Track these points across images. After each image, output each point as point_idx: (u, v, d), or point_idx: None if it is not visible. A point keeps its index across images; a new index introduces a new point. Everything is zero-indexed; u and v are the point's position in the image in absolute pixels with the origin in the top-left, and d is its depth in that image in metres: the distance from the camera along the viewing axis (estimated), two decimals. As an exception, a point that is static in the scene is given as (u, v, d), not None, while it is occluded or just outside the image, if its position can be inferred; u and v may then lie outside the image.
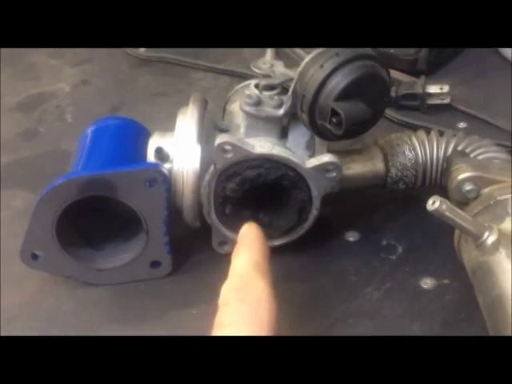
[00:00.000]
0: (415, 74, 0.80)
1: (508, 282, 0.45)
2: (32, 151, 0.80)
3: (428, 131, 0.61)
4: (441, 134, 0.61)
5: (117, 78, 0.93)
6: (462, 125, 0.74)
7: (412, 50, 0.82)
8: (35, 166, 0.78)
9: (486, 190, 0.51)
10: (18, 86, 0.93)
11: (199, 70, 0.91)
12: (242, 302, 0.45)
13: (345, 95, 0.50)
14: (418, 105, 0.76)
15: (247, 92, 0.58)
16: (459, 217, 0.47)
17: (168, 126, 0.62)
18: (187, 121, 0.58)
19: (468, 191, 0.52)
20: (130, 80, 0.92)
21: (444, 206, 0.46)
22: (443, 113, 0.77)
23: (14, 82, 0.94)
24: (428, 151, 0.59)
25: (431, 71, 0.82)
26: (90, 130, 0.66)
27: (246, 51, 0.95)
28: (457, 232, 0.52)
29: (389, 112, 0.75)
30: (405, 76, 0.79)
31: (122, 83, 0.92)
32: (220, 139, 0.54)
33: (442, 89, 0.76)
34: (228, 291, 0.46)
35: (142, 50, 0.97)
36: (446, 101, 0.76)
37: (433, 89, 0.76)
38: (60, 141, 0.81)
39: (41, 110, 0.88)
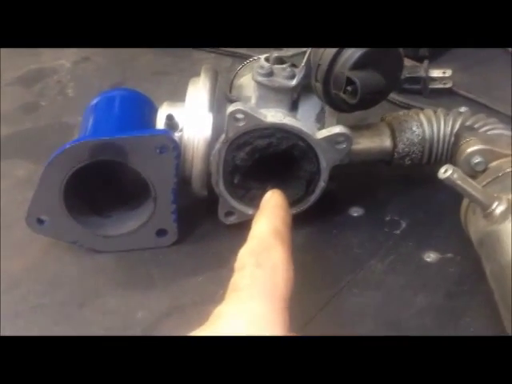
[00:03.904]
0: (417, 59, 0.81)
1: (517, 250, 0.46)
2: (33, 124, 0.80)
3: (435, 110, 0.62)
4: (447, 113, 0.62)
5: (118, 57, 0.93)
6: (462, 109, 0.75)
7: (415, 36, 0.83)
8: (36, 137, 0.78)
9: (494, 163, 0.52)
10: (19, 61, 0.92)
11: (202, 51, 0.91)
12: (258, 267, 0.44)
13: (360, 64, 0.51)
14: (420, 88, 0.77)
15: (259, 63, 0.58)
16: (470, 186, 0.48)
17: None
18: (199, 90, 0.59)
19: (476, 164, 0.53)
20: (131, 58, 0.92)
21: (456, 175, 0.47)
22: (444, 97, 0.78)
23: (15, 58, 0.93)
24: (435, 127, 0.60)
25: (433, 58, 0.83)
26: (95, 101, 0.66)
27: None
28: (464, 203, 0.53)
29: (391, 95, 0.76)
30: (408, 60, 0.80)
31: (123, 61, 0.92)
32: (233, 107, 0.55)
33: (444, 73, 0.77)
34: (245, 255, 0.45)
35: (143, 29, 0.97)
36: (448, 85, 0.78)
37: (436, 73, 0.77)
38: (61, 114, 0.81)
39: (42, 84, 0.87)
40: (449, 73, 0.77)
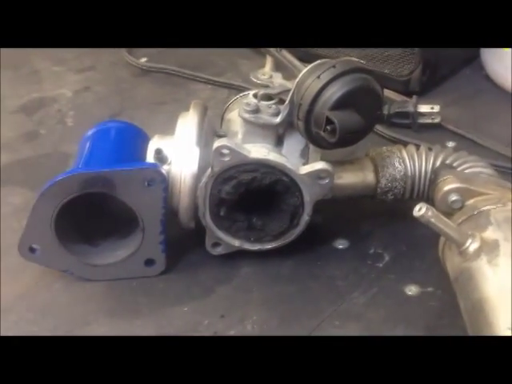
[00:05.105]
0: (408, 94, 0.83)
1: (488, 287, 0.47)
2: (32, 152, 0.82)
3: (418, 146, 0.64)
4: (430, 149, 0.63)
5: (118, 86, 0.96)
6: (450, 144, 0.77)
7: (406, 71, 0.85)
8: (35, 166, 0.80)
9: (471, 202, 0.54)
10: (21, 90, 0.95)
11: (199, 82, 0.94)
12: None
13: (339, 105, 0.53)
14: (410, 123, 0.79)
15: (246, 100, 0.60)
16: (444, 224, 0.49)
17: (165, 132, 0.64)
18: (187, 124, 0.61)
19: (453, 202, 0.54)
20: (130, 88, 0.95)
21: (430, 213, 0.48)
22: (433, 132, 0.80)
23: (17, 86, 0.96)
24: (417, 164, 0.61)
25: (423, 92, 0.85)
26: (91, 132, 0.68)
27: (245, 66, 0.98)
28: (441, 240, 0.54)
29: (381, 129, 0.78)
30: (398, 95, 0.82)
31: (122, 91, 0.94)
32: (218, 143, 0.57)
33: (432, 108, 0.79)
34: None
35: (143, 60, 0.99)
36: (437, 120, 0.79)
37: (424, 108, 0.79)
38: (60, 143, 0.84)
39: (42, 113, 0.90)
40: (437, 108, 0.78)
